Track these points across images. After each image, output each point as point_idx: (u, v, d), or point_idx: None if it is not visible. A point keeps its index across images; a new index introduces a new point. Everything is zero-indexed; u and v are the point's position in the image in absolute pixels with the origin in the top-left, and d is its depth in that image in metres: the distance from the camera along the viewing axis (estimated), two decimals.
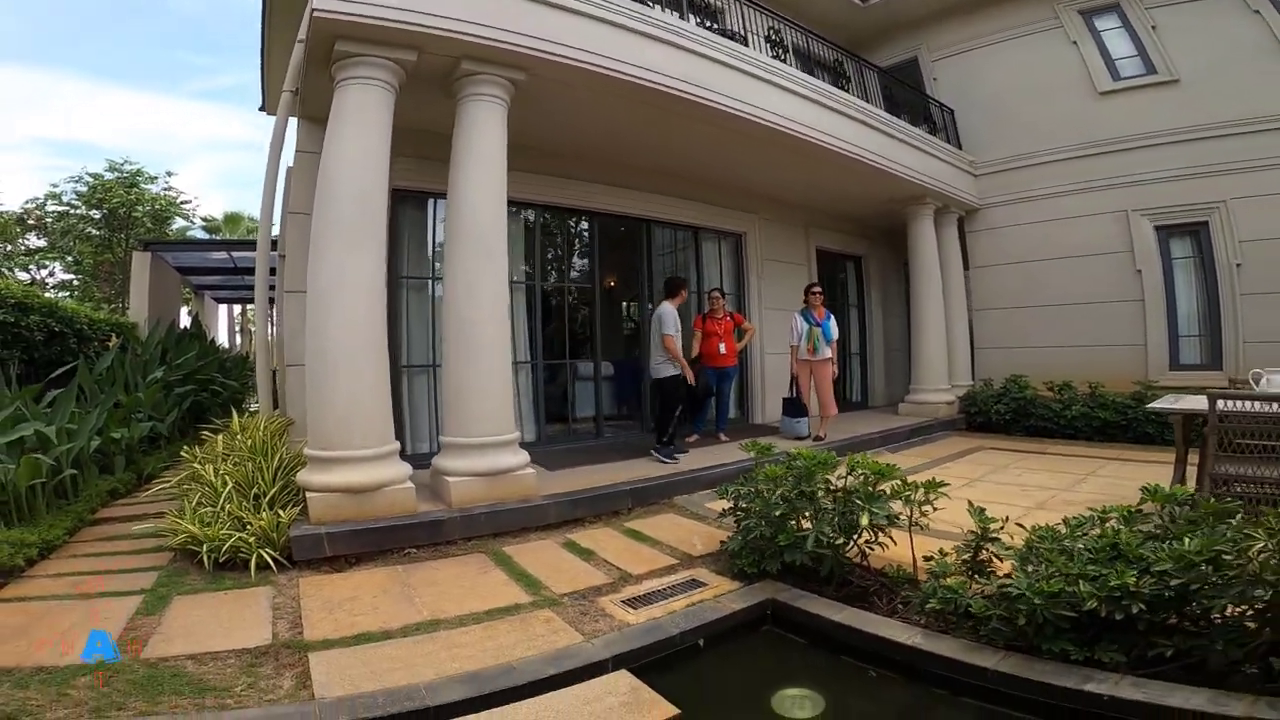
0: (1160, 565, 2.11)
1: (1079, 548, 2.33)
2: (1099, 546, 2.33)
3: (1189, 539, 2.17)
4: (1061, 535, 2.48)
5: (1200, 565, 2.05)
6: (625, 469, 5.26)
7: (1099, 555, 2.27)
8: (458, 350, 4.19)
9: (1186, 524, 2.33)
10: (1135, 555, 2.19)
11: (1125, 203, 7.38)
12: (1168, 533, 2.37)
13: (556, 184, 6.14)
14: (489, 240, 4.21)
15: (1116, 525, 2.43)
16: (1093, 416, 6.89)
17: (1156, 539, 2.34)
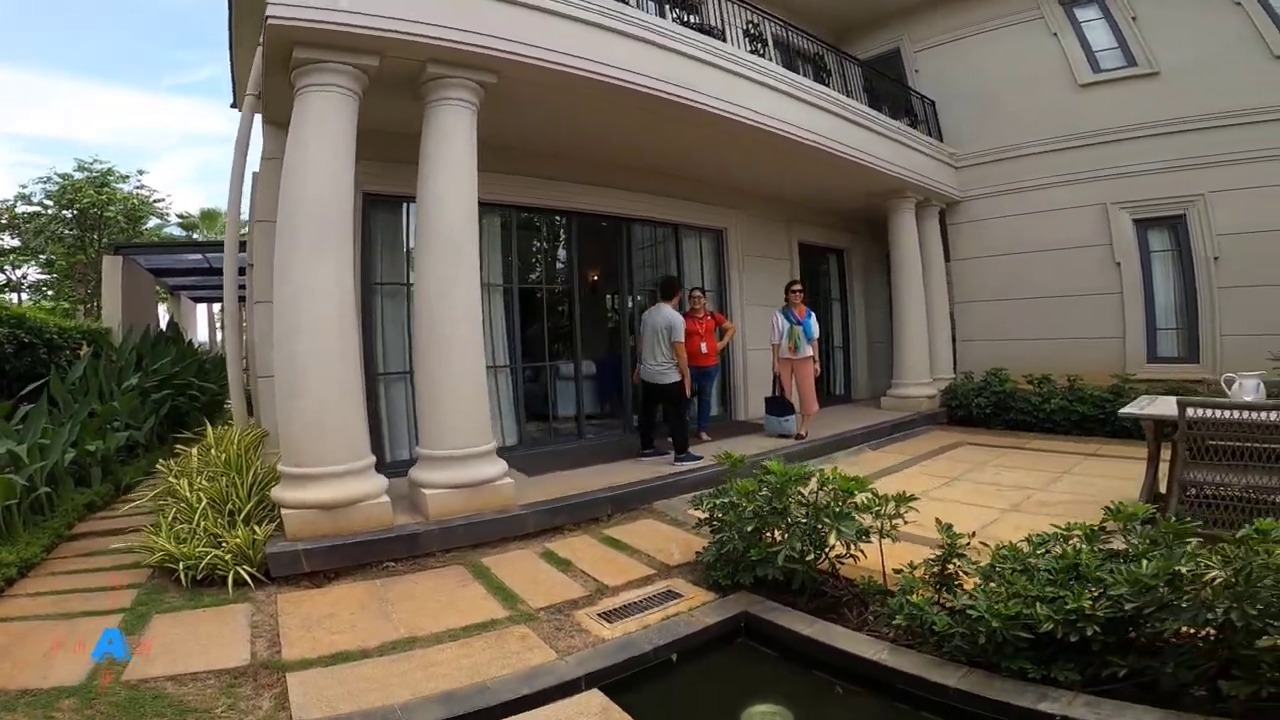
0: (1116, 589, 2.14)
1: (1040, 567, 2.37)
2: (1059, 567, 2.36)
3: (1146, 561, 2.20)
4: (1024, 554, 2.51)
5: (1156, 587, 2.09)
6: (606, 473, 5.27)
7: (1058, 576, 2.30)
8: (431, 360, 4.16)
9: (1148, 543, 2.36)
10: (1094, 577, 2.23)
11: (1104, 195, 7.39)
12: (1129, 552, 2.40)
13: (533, 184, 6.07)
14: (461, 249, 4.16)
15: (1078, 544, 2.46)
16: (1071, 410, 6.96)
17: (1118, 557, 2.37)
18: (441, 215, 4.15)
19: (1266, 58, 6.35)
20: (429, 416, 4.19)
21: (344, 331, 3.78)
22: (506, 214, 6.16)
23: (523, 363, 6.34)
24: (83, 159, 15.08)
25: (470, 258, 4.23)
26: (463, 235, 4.19)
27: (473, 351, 4.22)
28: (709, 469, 5.31)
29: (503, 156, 5.80)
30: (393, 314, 5.31)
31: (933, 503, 4.69)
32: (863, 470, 5.74)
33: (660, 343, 5.53)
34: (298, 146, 3.83)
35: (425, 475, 4.15)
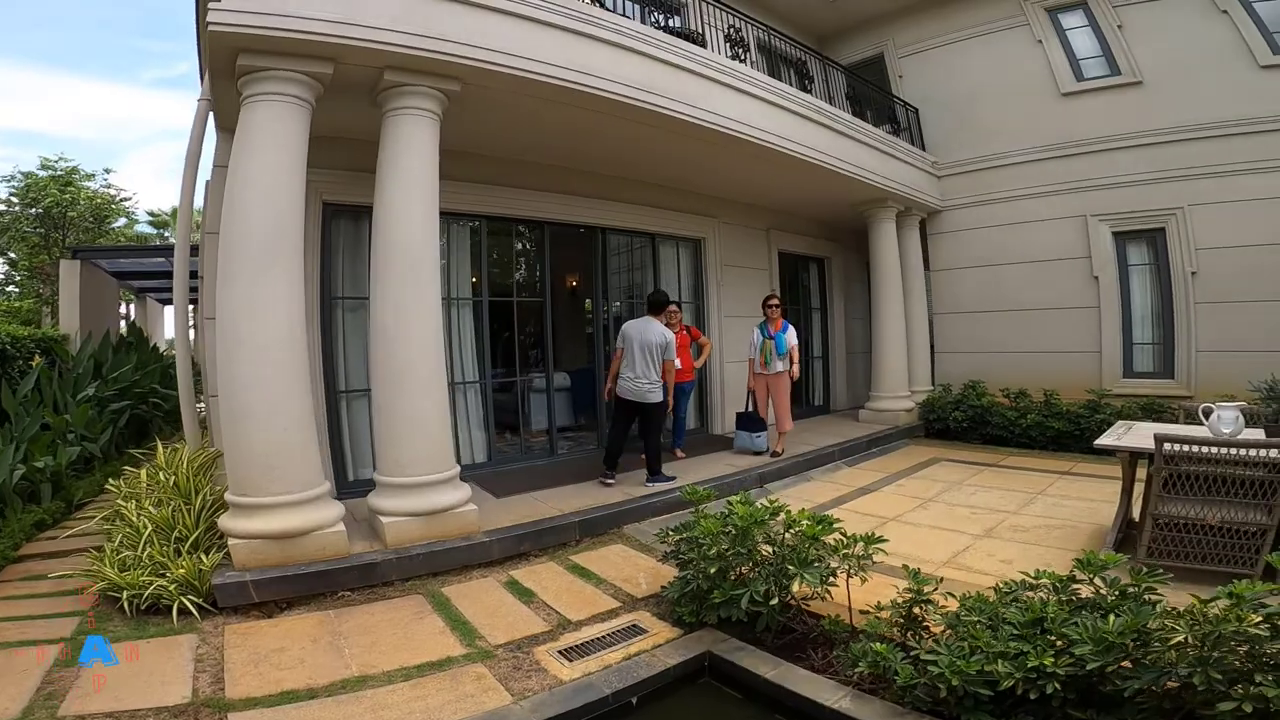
0: (1080, 647, 2.06)
1: (1006, 618, 2.29)
2: (1025, 620, 2.28)
3: (1114, 616, 2.13)
4: (992, 603, 2.43)
5: (1123, 644, 2.02)
6: (576, 494, 5.15)
7: (1024, 630, 2.22)
8: (388, 389, 3.99)
9: (1117, 595, 2.30)
10: (1058, 632, 2.15)
11: (1085, 207, 7.36)
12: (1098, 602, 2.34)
13: (504, 194, 5.92)
14: (419, 270, 4.00)
15: (1045, 596, 2.39)
16: (1046, 426, 6.95)
17: (1085, 609, 2.31)
18: (398, 234, 3.99)
19: (1252, 68, 6.30)
20: (386, 445, 4.03)
21: (293, 353, 3.62)
22: (477, 224, 6.01)
23: (494, 377, 6.19)
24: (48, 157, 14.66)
25: (429, 279, 4.07)
26: (421, 255, 4.03)
27: (433, 380, 4.06)
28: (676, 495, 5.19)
29: (472, 165, 5.65)
30: (356, 329, 5.13)
31: (906, 527, 4.64)
32: (839, 489, 5.71)
33: (653, 360, 5.28)
34: (242, 160, 3.64)
35: (382, 502, 4.00)
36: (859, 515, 4.94)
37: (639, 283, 7.34)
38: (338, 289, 5.27)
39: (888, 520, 4.81)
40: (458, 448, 5.71)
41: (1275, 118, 6.21)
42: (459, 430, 5.78)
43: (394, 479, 3.98)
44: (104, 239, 15.72)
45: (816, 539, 2.81)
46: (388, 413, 4.00)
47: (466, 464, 5.77)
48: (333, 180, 4.97)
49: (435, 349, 4.10)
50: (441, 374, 4.15)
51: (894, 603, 2.73)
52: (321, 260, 5.09)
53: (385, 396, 4.00)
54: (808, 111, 6.44)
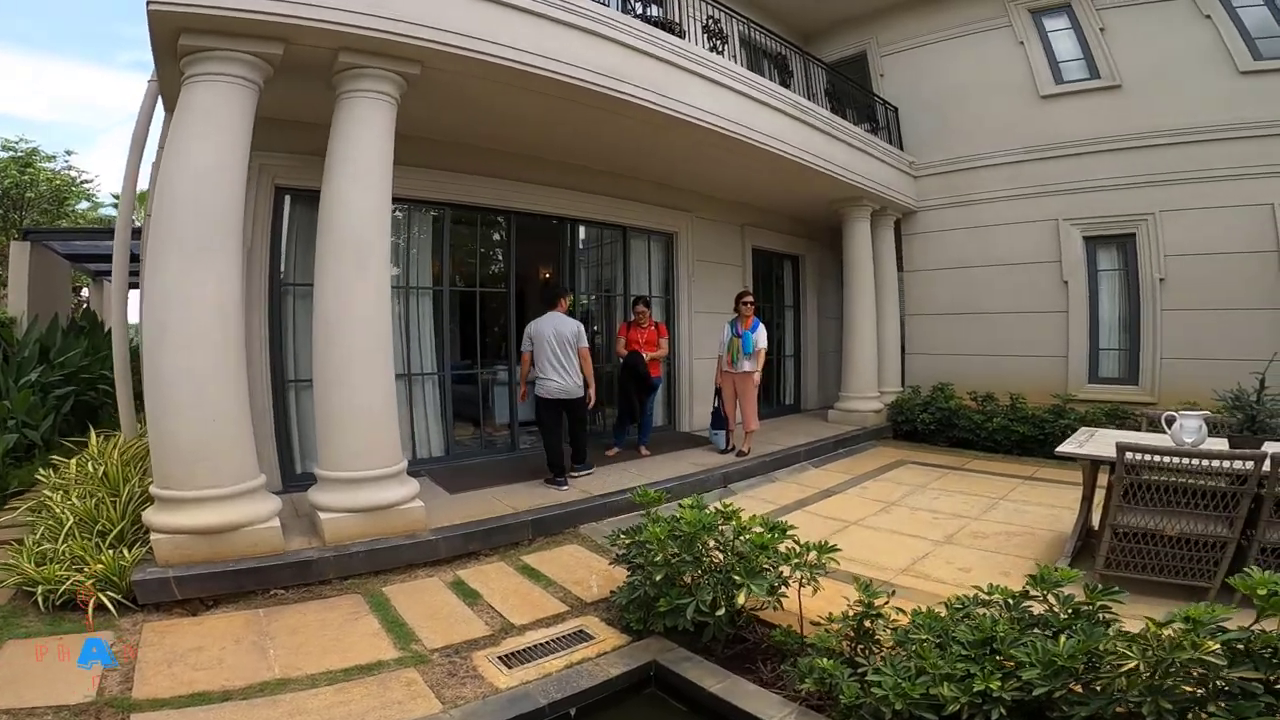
0: (1028, 672, 1.97)
1: (955, 637, 2.19)
2: (975, 640, 2.19)
3: (1065, 638, 2.05)
4: (942, 620, 2.33)
5: (1072, 668, 1.93)
6: (534, 492, 4.99)
7: (972, 650, 2.13)
8: (330, 376, 3.78)
9: (1070, 613, 2.21)
10: (1007, 653, 2.06)
11: (1057, 211, 7.34)
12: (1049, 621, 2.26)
13: (468, 182, 5.71)
14: (365, 257, 3.79)
15: (997, 614, 2.30)
16: (1011, 430, 6.95)
17: (1036, 626, 2.23)
18: (345, 219, 3.77)
19: (1231, 74, 6.28)
20: (327, 438, 3.83)
21: (226, 343, 3.40)
22: (440, 212, 5.79)
23: (455, 369, 5.99)
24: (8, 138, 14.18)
25: (377, 268, 3.85)
26: (369, 242, 3.81)
27: (378, 372, 3.85)
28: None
29: (435, 150, 5.44)
30: (305, 318, 4.88)
31: (867, 532, 4.57)
32: (803, 491, 5.63)
33: (571, 354, 5.12)
34: (179, 141, 3.41)
35: (322, 498, 3.80)
36: (821, 519, 4.86)
37: (609, 277, 7.18)
38: (289, 275, 5.03)
39: (849, 524, 4.74)
40: (413, 441, 5.55)
41: (1252, 124, 6.20)
42: (414, 423, 5.59)
43: (334, 473, 3.78)
44: (64, 221, 15.27)
45: (766, 548, 2.68)
46: (329, 405, 3.79)
47: (422, 458, 5.59)
48: (287, 163, 4.76)
49: (382, 340, 3.90)
50: (388, 366, 3.96)
51: (844, 615, 2.63)
52: (271, 245, 4.87)
53: (327, 388, 3.80)
54: (785, 107, 6.31)
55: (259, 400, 4.68)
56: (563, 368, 5.11)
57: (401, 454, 4.08)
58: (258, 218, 4.72)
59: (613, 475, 5.50)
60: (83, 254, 11.14)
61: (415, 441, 5.59)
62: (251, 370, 4.61)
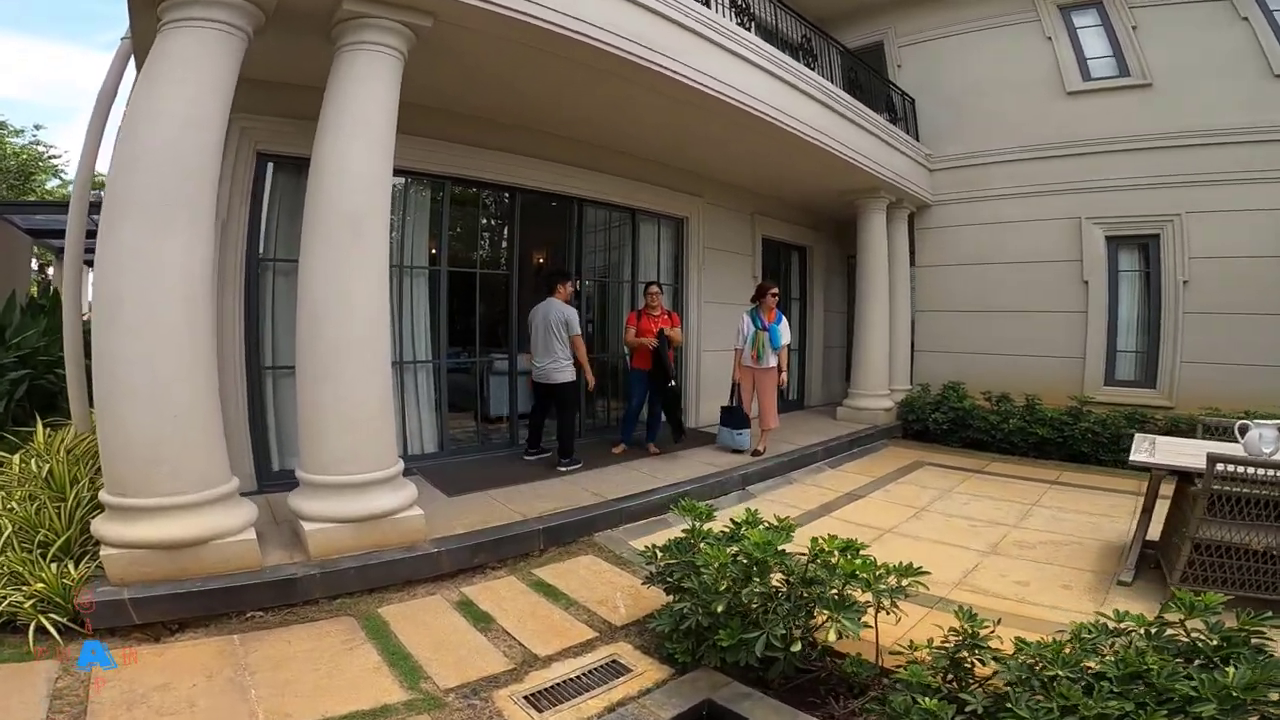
0: (1203, 708, 1.63)
1: (1102, 671, 1.85)
2: (1121, 674, 1.84)
3: (1231, 669, 1.72)
4: (1061, 651, 1.98)
5: (1248, 701, 1.61)
6: (540, 493, 4.54)
7: (1120, 685, 1.79)
8: (315, 370, 3.26)
9: (1219, 640, 1.89)
10: (1164, 687, 1.72)
11: (1079, 209, 7.14)
12: (1193, 650, 1.93)
13: (473, 154, 5.19)
14: (364, 226, 3.28)
15: (1140, 643, 1.96)
16: (1029, 432, 6.73)
17: (1183, 657, 1.90)
18: (340, 186, 3.25)
19: (1265, 76, 6.12)
20: (311, 436, 3.32)
21: (194, 325, 2.87)
22: (439, 186, 5.27)
23: (450, 357, 5.48)
24: None
25: (374, 245, 3.34)
26: (366, 214, 3.29)
27: (373, 363, 3.36)
28: (662, 491, 4.67)
29: (437, 120, 4.93)
30: (287, 297, 4.34)
31: (906, 541, 4.23)
32: (825, 494, 5.28)
33: (556, 338, 5.05)
34: (151, 88, 2.88)
35: (306, 505, 3.29)
36: (853, 526, 4.51)
37: (616, 262, 6.73)
38: (270, 249, 4.49)
39: (884, 532, 4.41)
40: (404, 436, 5.04)
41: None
42: (406, 416, 5.08)
43: (321, 477, 3.28)
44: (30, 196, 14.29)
45: (854, 574, 2.29)
46: (315, 400, 3.27)
47: (414, 454, 5.09)
48: (272, 128, 4.24)
49: (379, 327, 3.40)
50: (385, 356, 3.46)
51: (932, 643, 2.26)
52: (250, 217, 4.31)
53: (313, 381, 3.28)
54: (813, 91, 5.92)
55: (232, 389, 4.15)
56: (539, 352, 5.12)
57: (397, 456, 3.58)
58: (236, 185, 4.18)
59: (623, 476, 5.08)
60: (46, 229, 10.37)
61: (406, 436, 5.08)
62: (224, 354, 4.10)
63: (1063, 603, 3.30)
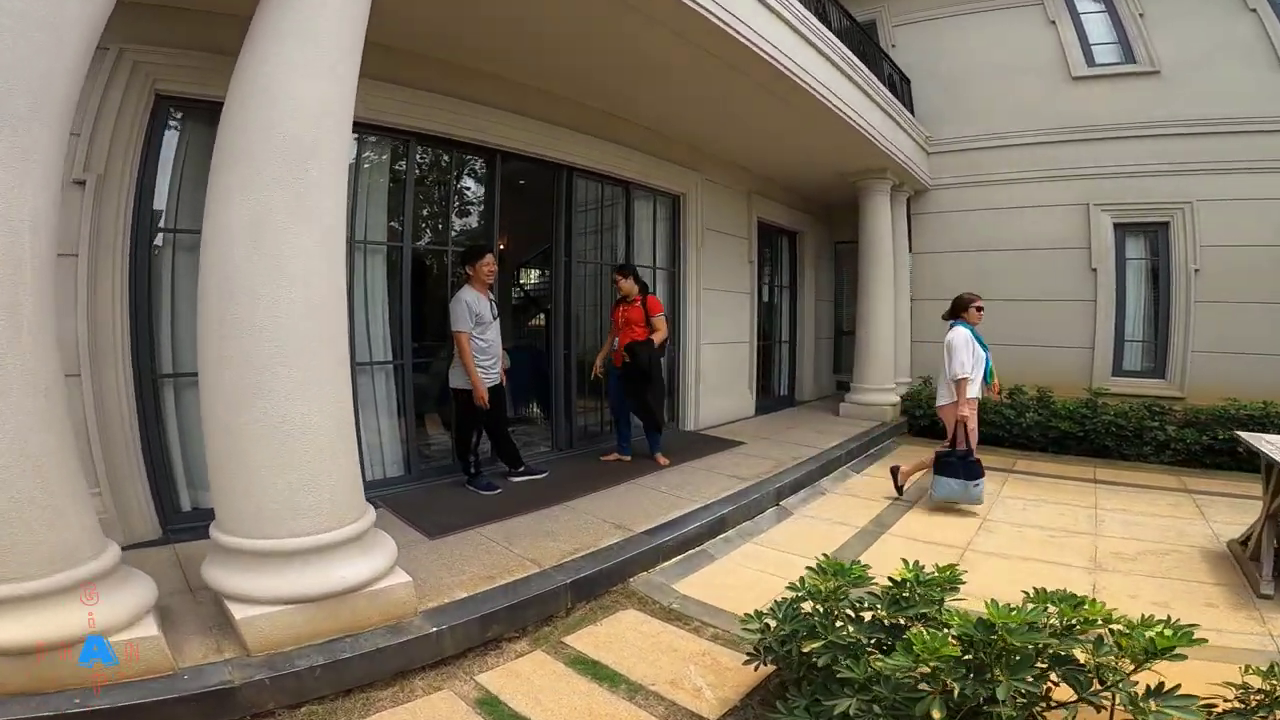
0: None
1: None
2: None
3: None
4: None
5: None
6: (545, 527, 3.60)
7: None
8: (232, 372, 2.17)
9: None
10: None
11: (1087, 195, 6.88)
12: None
13: (443, 105, 4.16)
14: (313, 165, 2.21)
15: None
16: (1049, 426, 6.35)
17: None
18: (276, 107, 2.18)
19: (1273, 67, 6.03)
20: (230, 482, 2.23)
21: (16, 318, 1.76)
22: (401, 144, 4.19)
23: (415, 355, 4.41)
24: None
25: (325, 191, 2.28)
26: (314, 148, 2.23)
27: (326, 365, 2.30)
28: (699, 515, 3.83)
29: (405, 63, 3.91)
30: (191, 279, 3.20)
31: (993, 561, 3.60)
32: (869, 506, 4.55)
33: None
34: None
35: (232, 580, 2.22)
36: (921, 545, 3.85)
37: (610, 244, 5.80)
38: (169, 218, 3.32)
39: (960, 550, 3.78)
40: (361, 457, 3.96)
41: None
42: (363, 432, 4.00)
43: (251, 542, 2.20)
44: None
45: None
46: (235, 425, 2.18)
47: (374, 480, 4.04)
48: (176, 64, 3.14)
49: (331, 312, 2.35)
50: (343, 355, 2.42)
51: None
52: (140, 173, 3.14)
53: (228, 396, 2.19)
54: (834, 55, 5.23)
55: (114, 405, 3.01)
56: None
57: (365, 500, 2.56)
58: (121, 133, 3.03)
59: (639, 497, 4.20)
60: None
61: (365, 458, 4.00)
62: (100, 360, 2.96)
63: (1222, 624, 2.81)
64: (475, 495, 4.10)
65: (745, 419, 7.00)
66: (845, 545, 3.86)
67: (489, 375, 4.09)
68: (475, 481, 4.21)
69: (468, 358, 3.96)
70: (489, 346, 4.10)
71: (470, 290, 4.03)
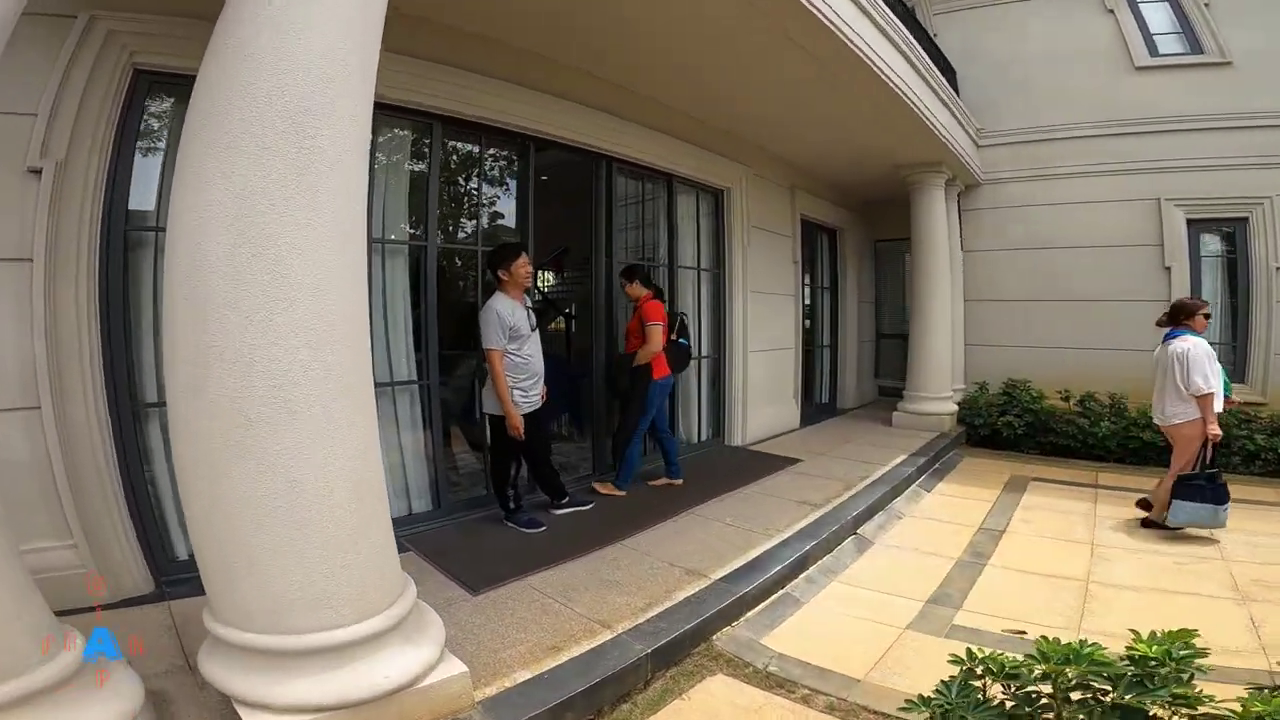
0: None
1: None
2: None
3: None
4: None
5: None
6: (602, 574, 3.06)
7: None
8: (216, 425, 1.62)
9: None
10: None
11: (1157, 190, 6.38)
12: None
13: (472, 83, 3.62)
14: (322, 132, 1.66)
15: None
16: (1129, 436, 5.82)
17: None
18: (271, 62, 1.62)
19: None
20: (224, 565, 1.69)
21: None
22: (424, 126, 3.65)
23: (439, 371, 3.86)
24: None
25: (338, 170, 1.70)
26: (323, 111, 1.67)
27: (345, 411, 1.73)
28: (777, 556, 3.30)
29: (427, 34, 3.39)
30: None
31: (1127, 596, 3.16)
32: (957, 530, 3.97)
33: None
34: None
35: (244, 684, 1.68)
36: (1036, 577, 3.38)
37: (650, 242, 5.26)
38: (148, 217, 2.80)
39: (1083, 582, 3.33)
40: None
41: None
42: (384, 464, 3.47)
43: (260, 639, 1.67)
44: None
45: None
46: (223, 495, 1.64)
47: (399, 517, 3.51)
48: (160, 33, 2.63)
49: (350, 336, 1.78)
50: (368, 397, 1.87)
51: None
52: (114, 161, 2.62)
53: (214, 456, 1.64)
54: (895, 37, 4.69)
55: (85, 442, 2.49)
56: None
57: (402, 572, 2.02)
58: (89, 111, 2.52)
59: (704, 533, 3.67)
60: None
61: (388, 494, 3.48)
62: (66, 388, 2.44)
63: None
64: (517, 534, 3.56)
65: (791, 431, 6.46)
66: (947, 580, 3.35)
67: (528, 398, 3.51)
68: (515, 517, 3.66)
69: (501, 381, 3.36)
70: (527, 363, 3.50)
71: (503, 299, 3.45)
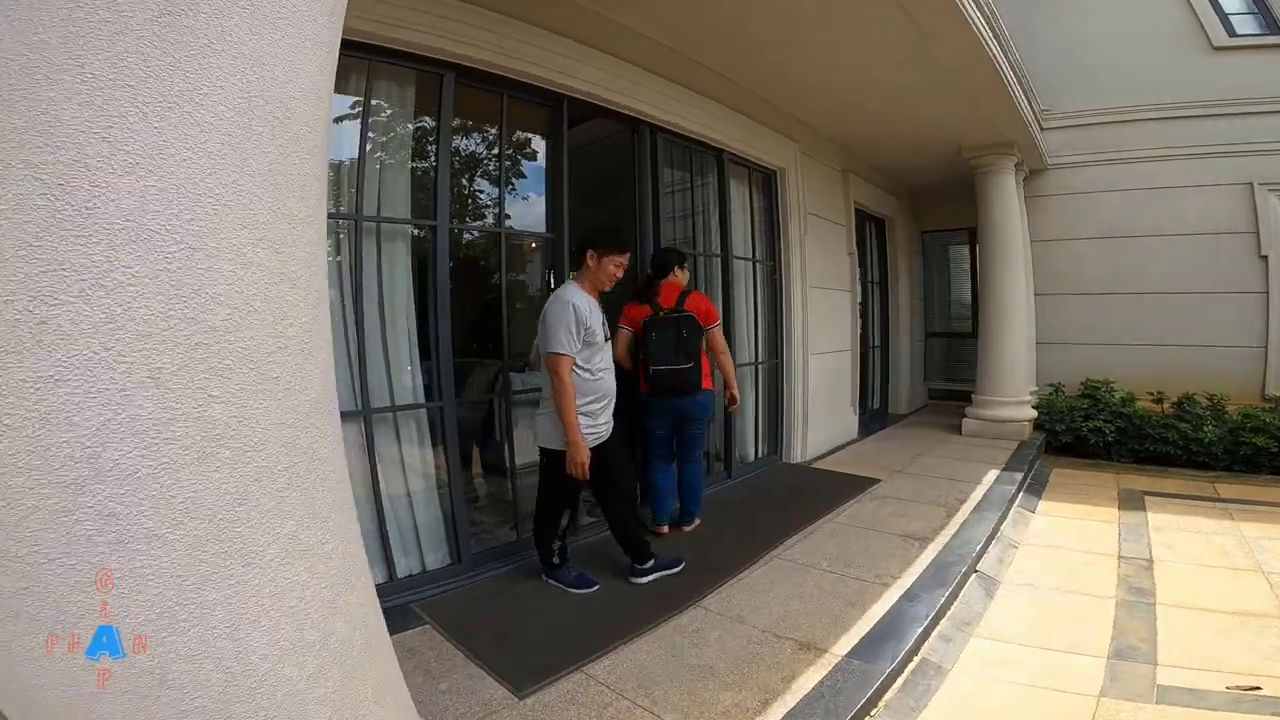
0: None
1: None
2: None
3: None
4: None
5: None
6: (686, 658, 2.33)
7: None
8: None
9: None
10: None
11: (1249, 175, 5.78)
12: None
13: (489, 23, 2.89)
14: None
15: None
16: (1242, 442, 5.11)
17: None
18: None
19: None
20: None
21: None
22: (432, 78, 2.91)
23: (458, 384, 3.11)
24: None
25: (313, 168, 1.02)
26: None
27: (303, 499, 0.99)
28: (910, 616, 2.56)
29: None
30: None
31: None
32: (1092, 560, 3.21)
33: (544, 361, 2.67)
34: None
35: None
36: (1226, 616, 2.72)
37: (703, 228, 4.51)
38: None
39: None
40: (383, 550, 2.67)
41: None
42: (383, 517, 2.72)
43: None
44: None
45: None
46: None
47: (409, 576, 2.78)
48: None
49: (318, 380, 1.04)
50: (341, 476, 1.11)
51: None
52: None
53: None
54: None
55: None
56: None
57: None
58: None
59: (800, 584, 2.93)
60: None
61: (393, 546, 2.71)
62: None
63: None
64: (563, 595, 2.78)
65: (851, 443, 5.74)
66: (1119, 627, 2.67)
67: (595, 427, 2.68)
68: (559, 574, 2.86)
69: (569, 398, 2.52)
70: (599, 380, 2.69)
71: (579, 291, 2.70)
